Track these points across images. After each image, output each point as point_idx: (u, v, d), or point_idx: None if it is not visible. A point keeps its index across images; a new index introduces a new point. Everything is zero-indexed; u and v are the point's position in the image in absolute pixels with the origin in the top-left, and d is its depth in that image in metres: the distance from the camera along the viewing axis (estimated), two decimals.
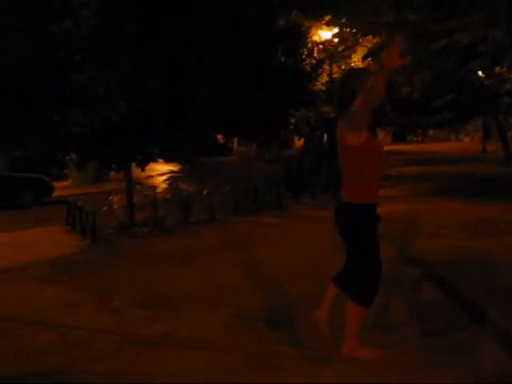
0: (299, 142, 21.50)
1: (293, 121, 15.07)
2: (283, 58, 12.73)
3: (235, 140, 26.94)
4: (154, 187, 15.66)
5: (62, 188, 20.39)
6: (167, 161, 11.85)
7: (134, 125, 9.17)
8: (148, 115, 9.09)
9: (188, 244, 9.27)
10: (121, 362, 4.45)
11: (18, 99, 8.45)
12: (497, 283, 5.92)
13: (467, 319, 4.91)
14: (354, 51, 15.83)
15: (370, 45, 14.04)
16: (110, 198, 11.98)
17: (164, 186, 19.00)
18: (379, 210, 3.96)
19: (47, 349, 4.84)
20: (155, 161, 11.54)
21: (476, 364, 4.00)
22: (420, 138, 30.92)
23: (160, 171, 22.83)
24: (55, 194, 18.77)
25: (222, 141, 14.05)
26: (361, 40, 14.50)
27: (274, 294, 6.00)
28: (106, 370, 4.34)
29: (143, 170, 11.37)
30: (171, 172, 21.37)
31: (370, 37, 13.34)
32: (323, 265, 4.19)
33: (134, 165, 11.12)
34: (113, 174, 15.87)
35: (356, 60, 18.20)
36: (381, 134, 37.91)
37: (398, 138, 38.77)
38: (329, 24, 14.50)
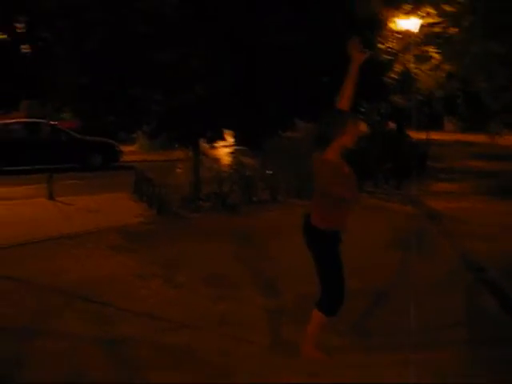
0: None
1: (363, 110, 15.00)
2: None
3: None
4: (219, 160, 16.02)
5: (129, 153, 20.90)
6: (240, 145, 12.04)
7: (210, 106, 9.44)
8: (224, 97, 9.34)
9: (251, 224, 9.56)
10: (186, 337, 4.79)
11: (104, 75, 8.86)
12: None
13: None
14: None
15: None
16: (178, 170, 12.36)
17: (228, 158, 19.35)
18: (440, 205, 4.03)
19: (117, 318, 5.25)
20: (224, 139, 11.82)
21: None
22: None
23: (224, 142, 23.00)
24: (122, 158, 19.41)
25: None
26: None
27: None
28: (172, 342, 4.70)
29: (211, 146, 11.70)
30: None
31: None
32: (381, 260, 4.33)
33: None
34: None
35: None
36: (448, 125, 37.03)
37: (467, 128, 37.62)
38: (409, 14, 14.33)
